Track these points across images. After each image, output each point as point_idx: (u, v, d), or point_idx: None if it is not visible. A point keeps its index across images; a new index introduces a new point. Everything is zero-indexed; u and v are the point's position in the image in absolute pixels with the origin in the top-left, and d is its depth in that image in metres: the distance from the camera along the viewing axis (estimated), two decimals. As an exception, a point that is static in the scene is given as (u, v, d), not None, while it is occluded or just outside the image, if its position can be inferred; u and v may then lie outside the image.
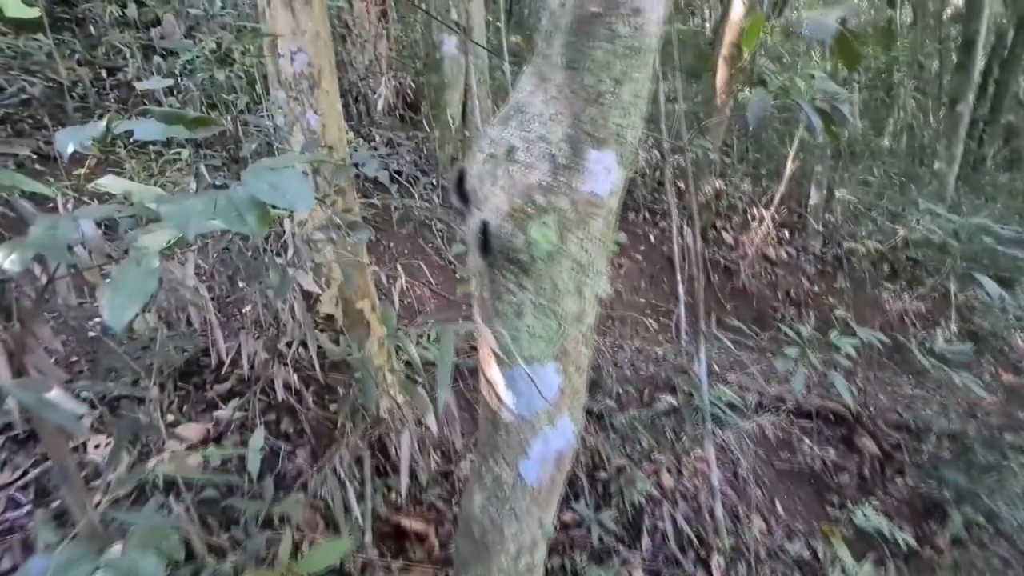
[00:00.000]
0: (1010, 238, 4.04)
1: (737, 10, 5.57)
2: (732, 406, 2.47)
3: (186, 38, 4.53)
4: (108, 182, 0.85)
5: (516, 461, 1.04)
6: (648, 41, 0.74)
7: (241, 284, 1.47)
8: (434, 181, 4.11)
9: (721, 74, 5.92)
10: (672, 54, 3.02)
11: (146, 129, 0.73)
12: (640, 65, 0.76)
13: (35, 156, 3.43)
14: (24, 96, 3.90)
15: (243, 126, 3.37)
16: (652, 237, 6.11)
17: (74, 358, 1.98)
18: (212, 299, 1.63)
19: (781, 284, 6.97)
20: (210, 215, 0.63)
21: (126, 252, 0.79)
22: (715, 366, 3.80)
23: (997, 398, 4.94)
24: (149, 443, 1.45)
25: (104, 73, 4.28)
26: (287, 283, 1.21)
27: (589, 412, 3.00)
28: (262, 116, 2.24)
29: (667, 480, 2.81)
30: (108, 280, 0.73)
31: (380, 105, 4.66)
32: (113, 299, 0.72)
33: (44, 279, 1.01)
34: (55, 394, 0.73)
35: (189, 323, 1.67)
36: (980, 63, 8.22)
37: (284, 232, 1.46)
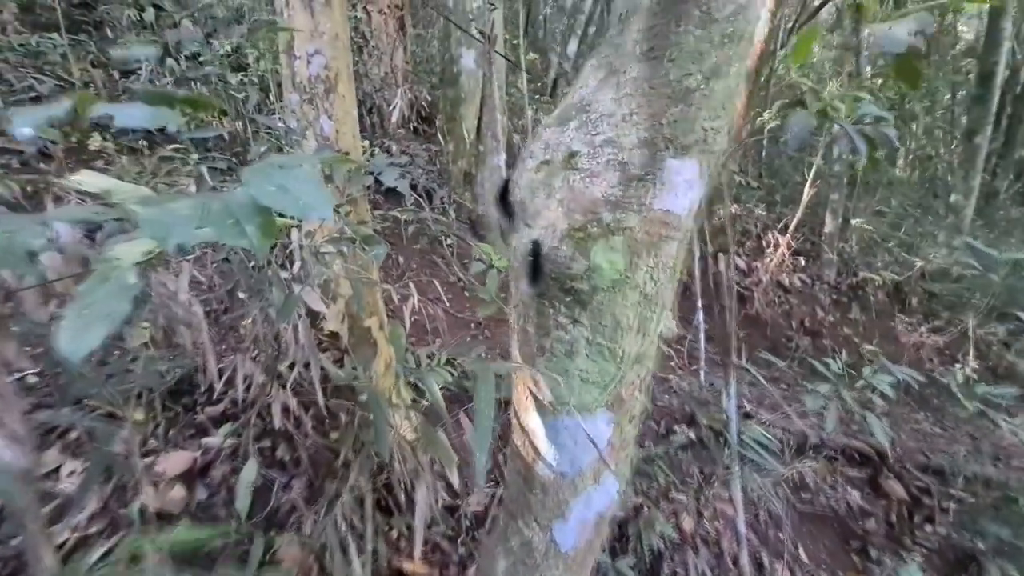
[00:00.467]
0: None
1: (758, 33, 5.51)
2: (762, 445, 2.29)
3: (204, 43, 4.51)
4: (86, 178, 0.71)
5: (551, 524, 0.88)
6: (750, 28, 0.61)
7: (242, 295, 1.33)
8: (449, 195, 3.99)
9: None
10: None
11: (130, 114, 0.59)
12: (738, 56, 0.62)
13: (40, 154, 3.35)
14: (33, 94, 3.83)
15: (254, 132, 3.28)
16: (666, 260, 5.97)
17: (58, 370, 1.83)
18: (209, 313, 1.49)
19: (795, 313, 6.80)
20: (199, 223, 0.48)
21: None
22: (743, 401, 3.61)
23: (1026, 442, 4.72)
24: (125, 476, 1.30)
25: (117, 75, 4.22)
26: (292, 303, 1.06)
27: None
28: (275, 118, 2.13)
29: (687, 523, 2.61)
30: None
31: (395, 117, 4.58)
32: (73, 322, 0.58)
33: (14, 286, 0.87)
34: (-8, 441, 0.58)
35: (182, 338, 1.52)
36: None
37: (290, 243, 1.32)
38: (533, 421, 0.77)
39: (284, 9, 1.86)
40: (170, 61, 3.50)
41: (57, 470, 1.43)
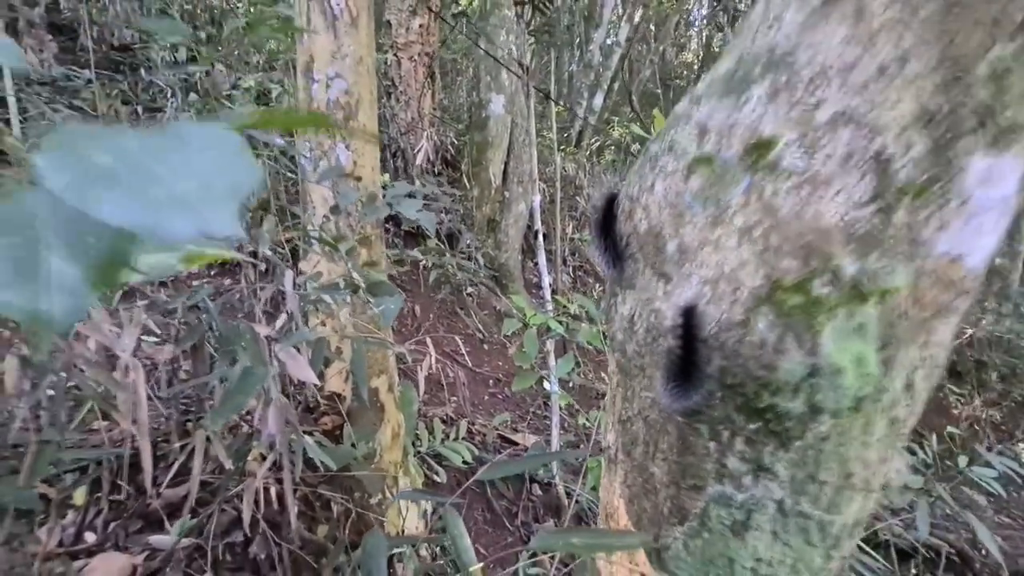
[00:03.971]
0: None
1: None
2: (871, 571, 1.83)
3: (233, 87, 4.56)
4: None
5: None
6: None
7: (215, 344, 1.05)
8: (477, 241, 3.76)
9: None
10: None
11: None
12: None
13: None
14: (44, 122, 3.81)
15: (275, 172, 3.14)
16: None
17: None
18: (173, 371, 1.21)
19: (837, 379, 6.32)
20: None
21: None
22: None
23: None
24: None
25: (141, 110, 4.25)
26: (254, 380, 0.75)
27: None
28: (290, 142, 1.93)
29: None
30: None
31: (419, 160, 4.47)
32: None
33: None
34: None
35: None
36: None
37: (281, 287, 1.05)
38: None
39: (305, 28, 1.68)
40: (192, 95, 3.44)
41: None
